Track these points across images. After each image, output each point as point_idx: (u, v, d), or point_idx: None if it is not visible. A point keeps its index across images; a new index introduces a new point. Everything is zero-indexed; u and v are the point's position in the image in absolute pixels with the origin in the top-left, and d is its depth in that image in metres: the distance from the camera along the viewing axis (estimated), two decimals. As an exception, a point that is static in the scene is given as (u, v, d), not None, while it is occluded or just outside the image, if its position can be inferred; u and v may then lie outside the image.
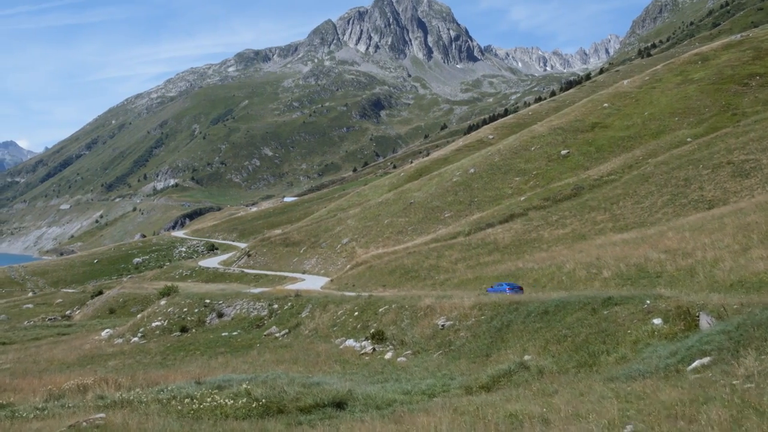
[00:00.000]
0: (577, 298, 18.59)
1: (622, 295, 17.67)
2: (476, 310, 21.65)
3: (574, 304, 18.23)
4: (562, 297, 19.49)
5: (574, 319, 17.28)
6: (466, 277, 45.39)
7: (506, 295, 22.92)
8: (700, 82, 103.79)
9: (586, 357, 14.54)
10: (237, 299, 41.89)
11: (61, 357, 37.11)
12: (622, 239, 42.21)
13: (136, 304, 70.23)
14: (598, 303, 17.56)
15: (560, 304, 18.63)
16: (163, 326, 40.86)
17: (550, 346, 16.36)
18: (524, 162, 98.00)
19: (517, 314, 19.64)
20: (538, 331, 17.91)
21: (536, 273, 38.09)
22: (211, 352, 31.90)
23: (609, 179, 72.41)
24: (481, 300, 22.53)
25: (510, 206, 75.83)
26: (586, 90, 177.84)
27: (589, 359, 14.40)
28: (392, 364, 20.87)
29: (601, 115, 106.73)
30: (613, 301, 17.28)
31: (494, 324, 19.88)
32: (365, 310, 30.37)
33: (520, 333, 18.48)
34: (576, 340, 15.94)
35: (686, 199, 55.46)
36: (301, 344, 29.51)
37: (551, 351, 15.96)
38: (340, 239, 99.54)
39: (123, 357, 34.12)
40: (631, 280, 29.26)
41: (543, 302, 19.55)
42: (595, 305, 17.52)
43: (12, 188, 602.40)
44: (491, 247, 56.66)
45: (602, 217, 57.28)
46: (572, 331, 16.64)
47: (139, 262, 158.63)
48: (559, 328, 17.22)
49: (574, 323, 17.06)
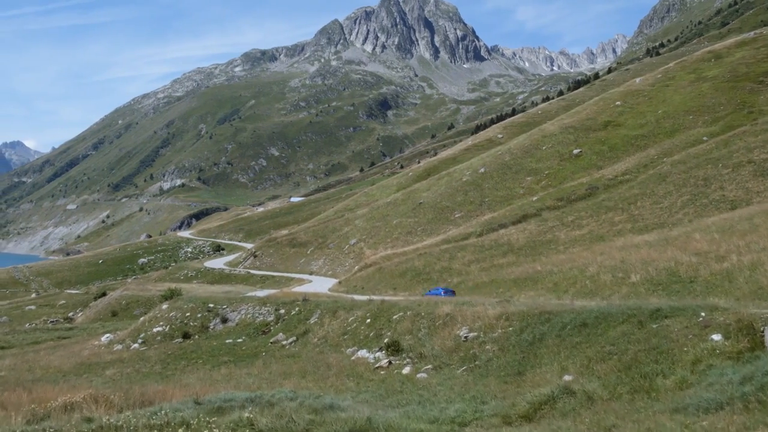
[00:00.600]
0: (619, 309, 16.52)
1: (671, 306, 15.67)
2: (503, 320, 19.53)
3: (617, 315, 16.17)
4: (602, 307, 17.36)
5: (619, 333, 15.26)
6: (481, 280, 43.48)
7: (536, 304, 20.86)
8: (714, 80, 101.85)
9: (640, 379, 12.59)
10: (242, 304, 40.08)
11: (57, 364, 35.42)
12: (644, 241, 40.29)
13: (139, 307, 68.61)
14: (645, 315, 15.59)
15: (600, 316, 16.54)
16: (164, 332, 39.06)
17: (594, 365, 14.38)
18: (535, 161, 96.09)
19: (550, 326, 17.54)
20: (576, 346, 15.85)
21: (556, 276, 36.12)
22: (214, 361, 30.05)
23: (624, 179, 70.51)
24: (507, 309, 20.40)
25: (522, 206, 73.93)
26: (596, 89, 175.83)
27: (644, 382, 12.45)
28: (411, 381, 18.84)
29: (613, 113, 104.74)
30: (663, 313, 15.30)
31: (525, 337, 17.78)
32: (378, 317, 28.46)
33: (555, 348, 16.43)
34: (623, 358, 13.98)
35: (707, 199, 53.54)
36: (310, 354, 27.61)
37: (596, 371, 13.99)
38: (348, 240, 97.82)
39: (121, 365, 32.36)
40: (662, 285, 27.33)
41: (579, 313, 17.43)
42: (641, 318, 15.53)
43: (19, 188, 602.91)
44: (505, 249, 54.74)
45: (620, 218, 55.33)
46: (618, 347, 14.64)
47: (144, 262, 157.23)
48: (602, 344, 15.18)
49: (618, 338, 15.06)
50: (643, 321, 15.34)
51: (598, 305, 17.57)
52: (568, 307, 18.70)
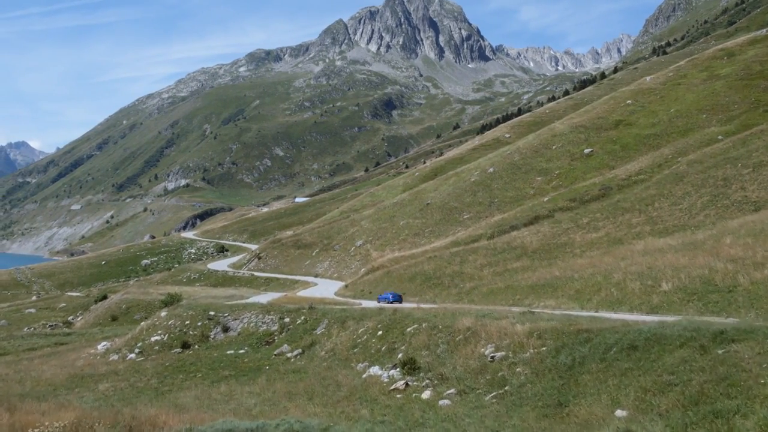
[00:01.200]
0: (673, 330, 14.19)
1: (737, 328, 13.45)
2: (534, 338, 17.25)
3: (672, 338, 13.85)
4: (652, 327, 14.97)
5: (677, 359, 13.01)
6: (495, 286, 41.27)
7: (569, 319, 18.55)
8: (728, 78, 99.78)
9: (713, 420, 10.44)
10: (244, 311, 37.95)
11: (49, 376, 33.48)
12: (668, 245, 38.13)
13: (139, 311, 66.74)
14: (707, 338, 13.35)
15: (652, 338, 14.19)
16: (162, 341, 36.98)
17: (652, 398, 12.20)
18: (545, 161, 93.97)
19: (591, 348, 15.19)
20: (627, 374, 13.55)
21: (577, 283, 33.93)
22: (214, 375, 27.94)
23: (639, 179, 68.35)
24: (538, 325, 18.08)
25: (533, 207, 71.80)
26: (604, 87, 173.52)
27: (719, 423, 10.33)
28: (434, 408, 16.55)
29: (624, 112, 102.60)
30: (728, 336, 13.11)
31: (562, 360, 15.45)
32: (390, 329, 26.24)
33: (601, 375, 14.13)
34: (687, 391, 11.81)
35: (728, 200, 51.29)
36: (317, 369, 25.42)
37: (655, 405, 11.82)
38: (354, 241, 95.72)
39: (116, 378, 30.33)
40: (697, 294, 25.19)
41: (625, 333, 15.05)
42: (702, 341, 13.31)
43: (23, 189, 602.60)
44: (518, 252, 52.59)
45: (638, 220, 53.13)
46: (678, 377, 12.45)
47: (147, 263, 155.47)
48: (658, 372, 12.93)
49: (678, 366, 12.85)
50: (705, 345, 13.17)
51: (648, 325, 15.20)
52: (608, 324, 16.49)
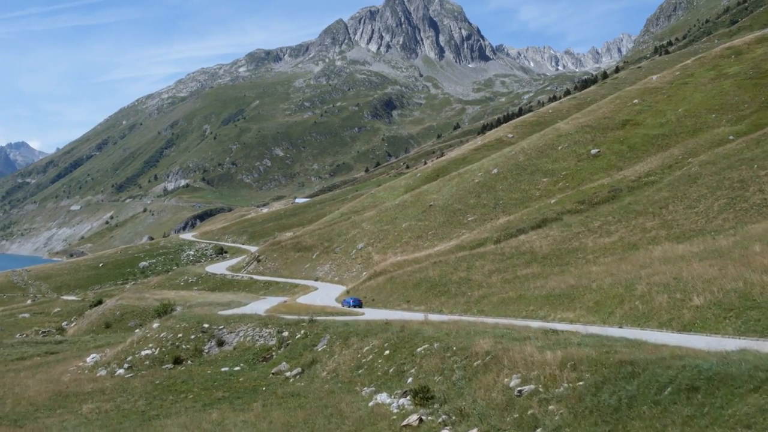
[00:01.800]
0: (741, 369, 11.62)
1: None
2: (568, 369, 14.75)
3: (742, 379, 11.33)
4: (713, 364, 12.23)
5: (753, 408, 10.61)
6: (506, 295, 39.02)
7: (606, 346, 16.04)
8: (736, 77, 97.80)
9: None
10: (240, 324, 35.72)
11: (33, 393, 31.30)
12: (689, 252, 35.89)
13: (134, 318, 64.59)
14: (787, 380, 11.18)
15: (715, 377, 11.73)
16: (153, 355, 34.75)
17: (726, 458, 10.01)
18: (551, 162, 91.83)
19: (639, 386, 12.66)
20: (689, 423, 10.91)
21: (596, 294, 31.73)
22: (206, 397, 25.68)
23: (649, 180, 66.21)
24: (570, 353, 15.53)
25: (540, 209, 69.62)
26: (608, 87, 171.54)
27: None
28: (455, 455, 14.45)
29: (631, 111, 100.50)
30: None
31: (605, 399, 12.92)
32: (398, 349, 23.98)
33: (656, 423, 11.32)
34: (770, 450, 9.66)
35: (747, 203, 49.02)
36: (318, 393, 23.13)
37: (732, 468, 9.66)
38: (355, 244, 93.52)
39: (102, 398, 28.11)
40: (734, 311, 22.99)
41: (680, 370, 12.37)
42: (782, 383, 11.14)
43: (23, 189, 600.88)
44: (528, 258, 50.37)
45: (652, 224, 50.88)
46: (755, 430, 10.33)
47: (145, 266, 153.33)
48: (730, 423, 10.56)
49: (753, 416, 10.49)
50: (786, 390, 10.96)
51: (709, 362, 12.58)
52: (655, 354, 14.15)
